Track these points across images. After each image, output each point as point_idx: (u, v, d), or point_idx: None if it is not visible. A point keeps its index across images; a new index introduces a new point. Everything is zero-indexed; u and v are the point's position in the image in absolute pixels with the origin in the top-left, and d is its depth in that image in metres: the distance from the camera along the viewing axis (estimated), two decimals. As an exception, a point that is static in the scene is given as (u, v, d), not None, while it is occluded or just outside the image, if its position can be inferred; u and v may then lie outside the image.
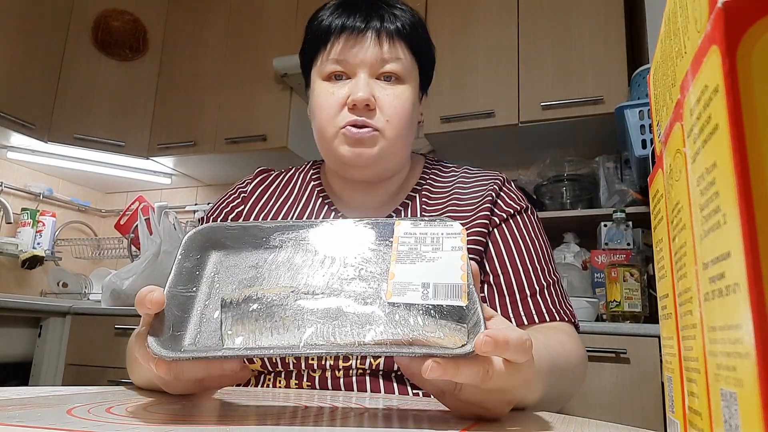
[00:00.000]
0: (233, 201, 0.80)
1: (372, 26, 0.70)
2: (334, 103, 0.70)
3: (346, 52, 0.70)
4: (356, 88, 0.69)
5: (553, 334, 0.63)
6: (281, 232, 0.45)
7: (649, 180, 0.31)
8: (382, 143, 0.71)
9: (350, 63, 0.70)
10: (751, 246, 0.14)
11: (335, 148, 0.71)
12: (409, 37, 0.73)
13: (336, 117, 0.70)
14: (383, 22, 0.71)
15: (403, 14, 0.73)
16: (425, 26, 0.78)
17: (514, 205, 0.75)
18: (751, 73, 0.15)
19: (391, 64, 0.71)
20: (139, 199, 2.61)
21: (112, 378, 1.93)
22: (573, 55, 1.95)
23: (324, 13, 0.74)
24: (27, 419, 0.32)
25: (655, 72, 0.30)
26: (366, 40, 0.70)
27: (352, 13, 0.71)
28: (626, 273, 1.60)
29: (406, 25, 0.73)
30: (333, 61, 0.71)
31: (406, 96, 0.72)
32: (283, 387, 0.65)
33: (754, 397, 0.14)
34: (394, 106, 0.70)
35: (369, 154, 0.70)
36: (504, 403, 0.39)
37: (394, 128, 0.71)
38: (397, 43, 0.71)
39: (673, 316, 0.26)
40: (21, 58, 2.27)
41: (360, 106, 0.69)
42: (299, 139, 2.39)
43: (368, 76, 0.70)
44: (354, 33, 0.70)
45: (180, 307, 0.40)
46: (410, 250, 0.40)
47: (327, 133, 0.71)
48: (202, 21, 2.62)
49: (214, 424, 0.33)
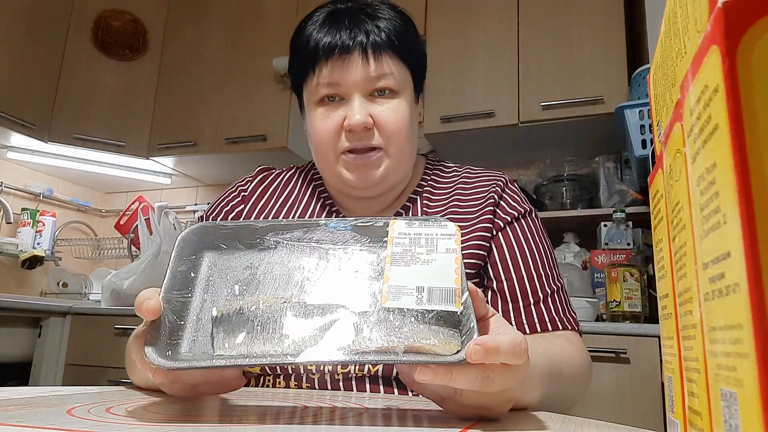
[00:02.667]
0: (233, 200, 0.80)
1: (358, 42, 0.68)
2: (331, 128, 0.69)
3: (336, 75, 0.69)
4: (352, 113, 0.68)
5: (555, 340, 0.63)
6: (276, 232, 0.45)
7: (649, 180, 0.31)
8: (387, 162, 0.70)
9: (342, 86, 0.69)
10: (751, 246, 0.14)
11: (339, 172, 0.71)
12: (398, 47, 0.70)
13: (336, 142, 0.70)
14: (368, 36, 0.69)
15: (387, 23, 0.71)
16: (413, 25, 0.75)
17: (518, 207, 0.74)
18: (751, 73, 0.15)
19: (383, 80, 0.69)
20: (139, 199, 2.61)
21: (112, 378, 1.93)
22: (573, 55, 1.95)
23: (309, 29, 0.71)
24: (27, 419, 0.32)
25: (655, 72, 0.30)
26: (353, 60, 0.68)
27: (336, 31, 0.69)
28: (626, 273, 1.60)
29: (392, 36, 0.70)
30: (324, 86, 0.69)
31: (402, 108, 0.70)
32: (283, 387, 0.65)
33: (754, 397, 0.14)
34: (393, 121, 0.69)
35: (374, 176, 0.70)
36: (505, 401, 0.39)
37: (396, 144, 0.70)
38: (386, 57, 0.69)
39: (673, 316, 0.26)
40: (21, 58, 2.27)
41: (357, 130, 0.68)
42: (299, 139, 2.39)
43: (362, 96, 0.69)
44: (341, 53, 0.68)
45: (176, 314, 0.39)
46: (404, 252, 0.40)
47: (328, 158, 0.71)
48: (202, 21, 2.62)
49: (214, 424, 0.33)
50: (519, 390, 0.40)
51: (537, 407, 0.50)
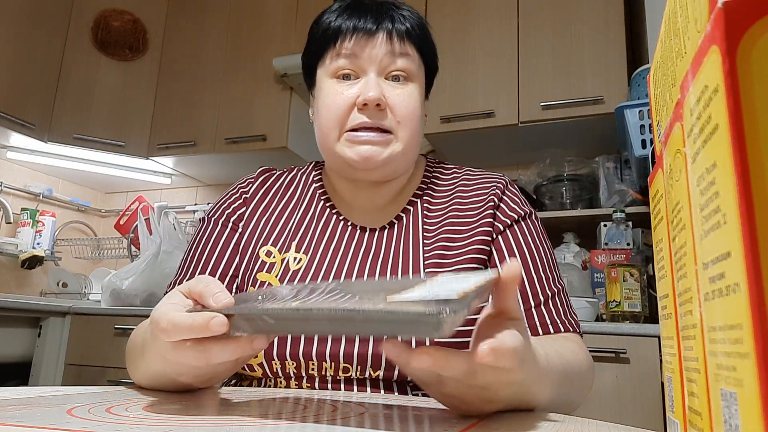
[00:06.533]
0: (234, 202, 0.79)
1: (383, 27, 0.70)
2: (342, 104, 0.69)
3: (356, 48, 0.69)
4: (366, 88, 0.68)
5: (564, 342, 0.63)
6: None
7: (649, 180, 0.31)
8: (394, 146, 0.70)
9: (360, 59, 0.69)
10: (751, 246, 0.14)
11: (340, 152, 0.70)
12: (418, 38, 0.73)
13: (344, 119, 0.69)
14: (394, 23, 0.71)
15: (412, 16, 0.74)
16: (430, 32, 0.78)
17: (518, 210, 0.74)
18: (751, 73, 0.15)
19: (402, 60, 0.70)
20: (139, 199, 2.61)
21: (112, 378, 1.93)
22: (573, 55, 1.95)
23: (331, 15, 0.73)
24: (27, 419, 0.32)
25: (655, 72, 0.30)
26: (377, 39, 0.70)
27: (362, 16, 0.71)
28: (626, 273, 1.60)
29: (416, 27, 0.73)
30: (344, 56, 0.70)
31: (415, 96, 0.71)
32: (284, 387, 0.65)
33: (754, 397, 0.14)
34: (405, 105, 0.70)
35: (378, 158, 0.69)
36: (484, 401, 0.39)
37: (406, 129, 0.70)
38: (407, 43, 0.71)
39: (673, 316, 0.26)
40: (21, 58, 2.27)
41: (371, 106, 0.68)
42: (299, 139, 2.39)
43: (377, 76, 0.70)
44: (365, 33, 0.70)
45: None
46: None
47: (332, 136, 0.70)
48: (202, 21, 2.62)
49: (214, 424, 0.33)
50: (504, 393, 0.39)
51: (546, 408, 0.50)
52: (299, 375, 0.64)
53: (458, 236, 0.71)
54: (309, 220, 0.76)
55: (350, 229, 0.74)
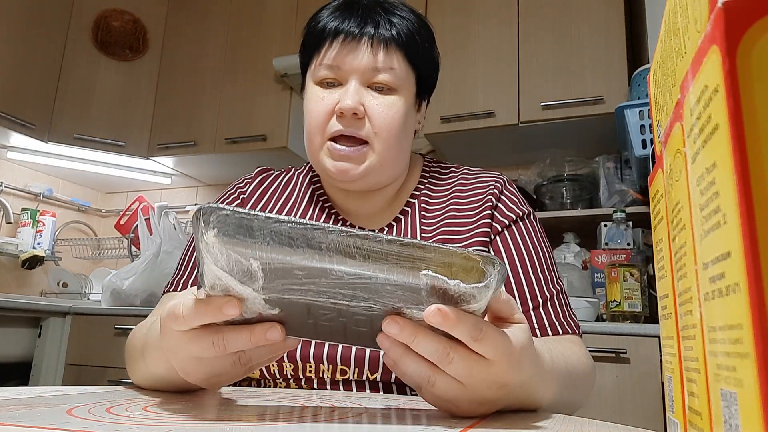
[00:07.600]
0: (232, 202, 0.79)
1: (366, 32, 0.68)
2: (322, 110, 0.69)
3: (338, 58, 0.68)
4: (345, 96, 0.67)
5: (569, 345, 0.63)
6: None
7: (649, 180, 0.31)
8: (371, 158, 0.69)
9: (342, 69, 0.69)
10: (751, 246, 0.14)
11: (321, 160, 0.70)
12: (405, 45, 0.70)
13: (324, 126, 0.69)
14: (378, 28, 0.69)
15: (401, 21, 0.71)
16: (430, 31, 0.75)
17: (516, 210, 0.73)
18: (751, 73, 0.15)
19: (383, 74, 0.68)
20: (139, 199, 2.61)
21: (112, 378, 1.93)
22: (573, 55, 1.95)
23: (323, 14, 0.72)
24: (27, 419, 0.32)
25: (655, 72, 0.30)
26: (360, 48, 0.68)
27: (347, 17, 0.69)
28: (626, 273, 1.60)
29: (402, 33, 0.70)
30: (326, 67, 0.69)
31: (397, 107, 0.69)
32: (283, 387, 0.65)
33: (754, 397, 0.14)
34: (384, 116, 0.68)
35: (354, 172, 0.68)
36: (473, 403, 0.38)
37: (383, 140, 0.68)
38: (392, 52, 0.69)
39: (673, 316, 0.26)
40: (21, 58, 2.27)
41: (347, 115, 0.67)
42: (299, 139, 2.39)
43: (359, 84, 0.68)
44: (348, 39, 0.68)
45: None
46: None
47: (315, 142, 0.70)
48: (202, 21, 2.62)
49: (214, 424, 0.33)
50: (494, 395, 0.38)
51: (549, 408, 0.50)
52: (297, 377, 0.64)
53: (456, 237, 0.71)
54: (308, 219, 0.76)
55: None
